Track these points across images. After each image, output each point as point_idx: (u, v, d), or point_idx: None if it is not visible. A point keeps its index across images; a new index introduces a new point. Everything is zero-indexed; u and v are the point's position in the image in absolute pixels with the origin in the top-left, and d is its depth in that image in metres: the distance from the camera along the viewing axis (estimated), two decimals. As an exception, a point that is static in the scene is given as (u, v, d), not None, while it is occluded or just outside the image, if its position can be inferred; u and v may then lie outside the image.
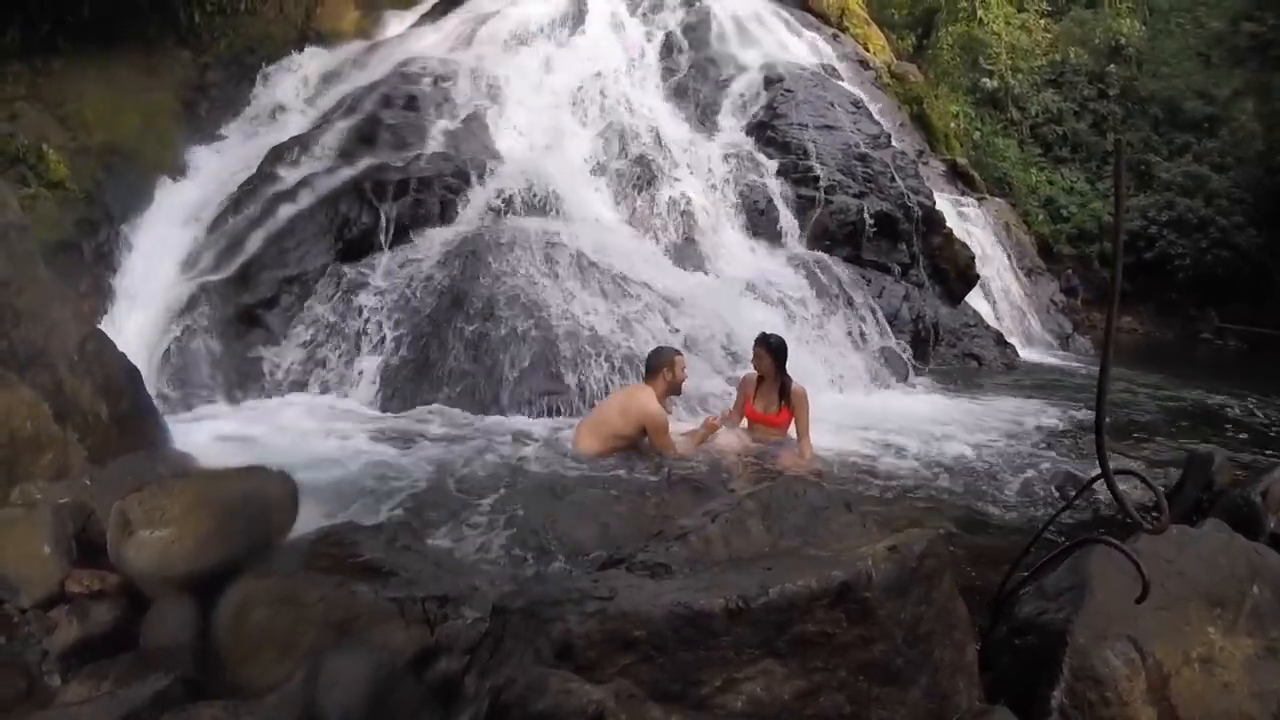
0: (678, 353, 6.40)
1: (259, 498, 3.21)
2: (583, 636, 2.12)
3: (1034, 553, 2.94)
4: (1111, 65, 24.63)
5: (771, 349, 6.51)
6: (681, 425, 6.46)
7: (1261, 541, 3.43)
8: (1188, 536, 2.95)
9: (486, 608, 2.58)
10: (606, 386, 7.51)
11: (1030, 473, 6.33)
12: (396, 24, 14.74)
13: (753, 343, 6.67)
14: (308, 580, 2.79)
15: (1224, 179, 21.49)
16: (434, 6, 15.13)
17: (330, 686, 2.41)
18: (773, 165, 11.93)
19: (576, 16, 14.29)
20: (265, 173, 10.01)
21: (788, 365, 6.61)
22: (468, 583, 3.06)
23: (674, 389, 6.27)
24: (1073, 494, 3.87)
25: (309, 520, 3.36)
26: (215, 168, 10.85)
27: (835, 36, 18.45)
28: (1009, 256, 17.18)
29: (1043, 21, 25.33)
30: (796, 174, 11.76)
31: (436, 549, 3.68)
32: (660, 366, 6.16)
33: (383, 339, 7.88)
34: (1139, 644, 2.51)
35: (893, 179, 12.36)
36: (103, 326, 6.93)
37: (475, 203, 9.42)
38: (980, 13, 23.79)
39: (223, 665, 2.68)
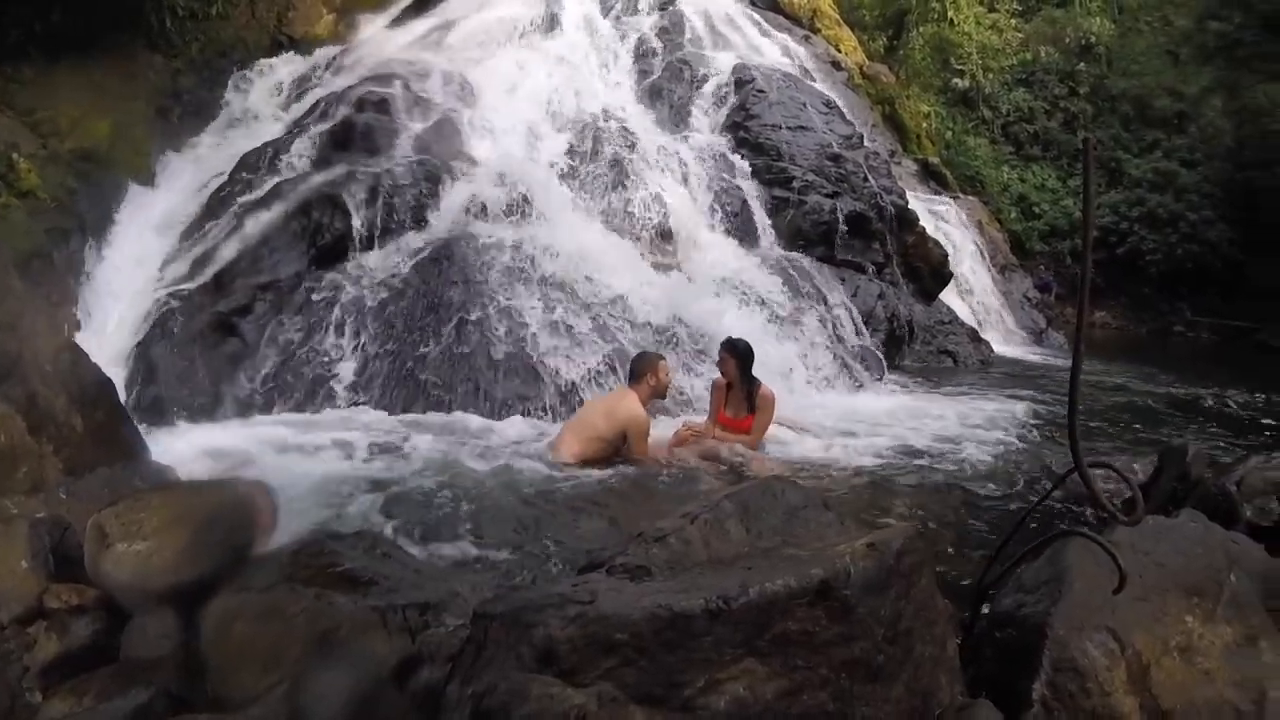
0: (661, 358, 6.42)
1: (237, 508, 3.19)
2: (564, 641, 2.11)
3: (1012, 546, 2.96)
4: (1082, 64, 24.80)
5: (738, 353, 6.50)
6: (661, 431, 6.47)
7: (1238, 530, 3.48)
8: (1164, 527, 2.98)
9: (468, 614, 2.57)
10: (584, 390, 7.52)
11: (1006, 467, 6.38)
12: (369, 27, 14.60)
13: (719, 347, 6.69)
14: (289, 592, 2.78)
15: (1193, 175, 21.66)
16: (406, 9, 15.04)
17: (313, 697, 2.41)
18: (746, 166, 11.95)
19: (550, 19, 14.28)
20: (238, 179, 9.94)
21: (766, 367, 6.60)
22: (448, 589, 3.06)
23: (658, 393, 6.28)
24: (1048, 488, 3.89)
25: (288, 530, 3.34)
26: (188, 174, 10.76)
27: (807, 38, 18.54)
28: (982, 254, 17.31)
29: (1013, 21, 25.45)
30: (770, 174, 11.80)
31: (416, 556, 3.66)
32: (644, 371, 6.17)
33: (358, 346, 7.83)
34: (1118, 634, 2.53)
35: (866, 179, 12.43)
36: (76, 337, 6.87)
37: (449, 207, 9.36)
38: (951, 13, 23.89)
39: (205, 678, 2.67)
